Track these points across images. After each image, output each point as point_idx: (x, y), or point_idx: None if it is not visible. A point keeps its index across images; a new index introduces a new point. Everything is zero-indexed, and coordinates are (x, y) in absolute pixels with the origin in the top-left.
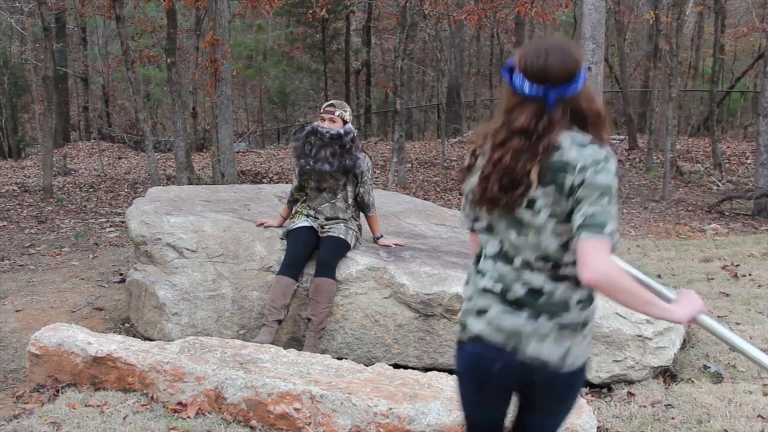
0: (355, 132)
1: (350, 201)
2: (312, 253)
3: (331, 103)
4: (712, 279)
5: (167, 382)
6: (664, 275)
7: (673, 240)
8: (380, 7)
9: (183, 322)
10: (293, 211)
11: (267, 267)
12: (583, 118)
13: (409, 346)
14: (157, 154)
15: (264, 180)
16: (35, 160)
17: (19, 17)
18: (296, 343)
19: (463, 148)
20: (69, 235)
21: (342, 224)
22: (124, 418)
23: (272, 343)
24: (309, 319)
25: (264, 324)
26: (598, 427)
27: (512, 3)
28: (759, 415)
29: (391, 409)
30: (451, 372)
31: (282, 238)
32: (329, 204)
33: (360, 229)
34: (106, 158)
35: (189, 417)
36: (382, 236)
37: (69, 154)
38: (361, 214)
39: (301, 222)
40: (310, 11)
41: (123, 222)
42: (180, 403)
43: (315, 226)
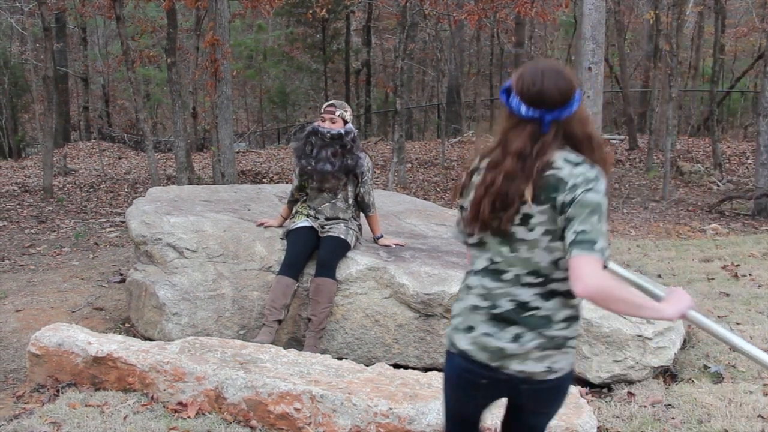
0: (356, 132)
1: (350, 201)
2: (312, 253)
3: (331, 103)
4: (713, 279)
5: (167, 382)
6: (665, 275)
7: (674, 240)
8: (380, 7)
9: (183, 322)
10: (293, 211)
11: (267, 267)
12: (576, 140)
13: (410, 346)
14: (157, 154)
15: (264, 180)
16: (35, 160)
17: (19, 17)
18: (296, 343)
19: (463, 148)
20: (69, 235)
21: (342, 224)
22: (125, 418)
23: (272, 343)
24: (309, 319)
25: (264, 324)
26: (598, 427)
27: (512, 3)
28: (759, 415)
29: (391, 409)
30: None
31: (282, 238)
32: (329, 204)
33: (360, 229)
34: (106, 158)
35: (189, 417)
36: (382, 236)
37: (69, 154)
38: (361, 214)
39: (302, 222)
40: (310, 11)
41: (123, 222)
42: (180, 403)
43: (315, 226)
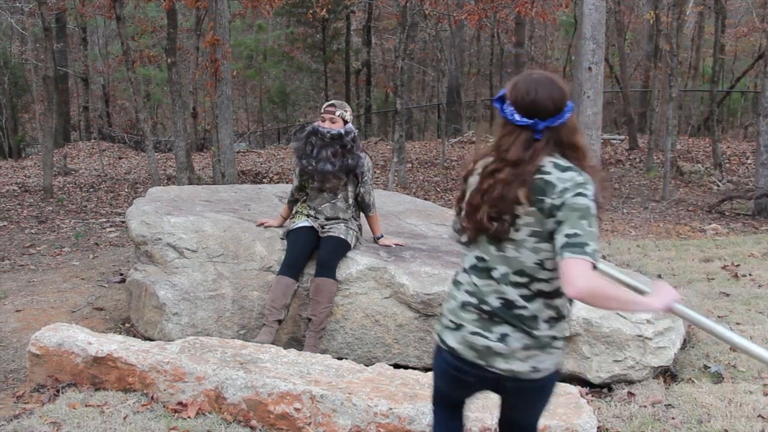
0: (356, 132)
1: (350, 201)
2: (312, 253)
3: (331, 103)
4: (713, 279)
5: (167, 382)
6: (665, 275)
7: (674, 240)
8: (380, 7)
9: (183, 322)
10: (293, 211)
11: (267, 267)
12: (566, 147)
13: (410, 346)
14: (157, 154)
15: (264, 180)
16: (35, 160)
17: (20, 17)
18: (296, 343)
19: (463, 148)
20: (69, 235)
21: (342, 224)
22: (125, 418)
23: (272, 343)
24: (309, 319)
25: (264, 324)
26: (599, 427)
27: (512, 3)
28: (759, 415)
29: (391, 409)
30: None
31: (282, 238)
32: (330, 204)
33: (360, 229)
34: (106, 158)
35: (189, 417)
36: (382, 236)
37: (69, 154)
38: (361, 214)
39: (302, 222)
40: (311, 11)
41: (123, 222)
42: (180, 403)
43: (315, 226)
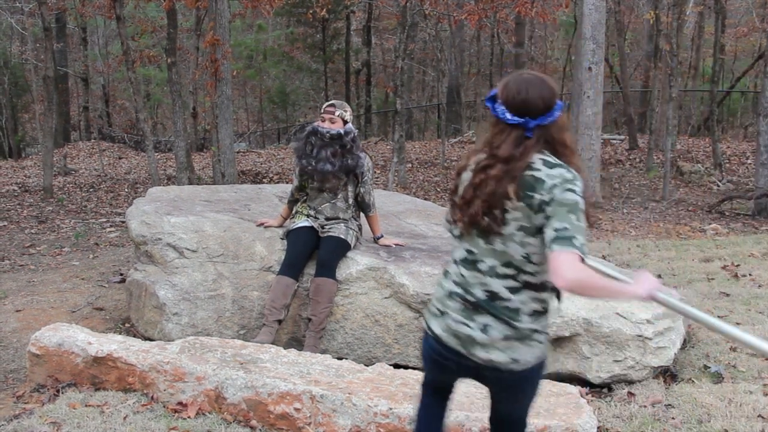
0: (356, 132)
1: (350, 201)
2: (312, 253)
3: (331, 104)
4: (713, 279)
5: (167, 382)
6: (665, 275)
7: (674, 240)
8: (380, 7)
9: (183, 322)
10: (293, 211)
11: (267, 267)
12: (555, 144)
13: (410, 346)
14: (157, 154)
15: (264, 180)
16: (35, 160)
17: (20, 17)
18: (296, 343)
19: (463, 148)
20: (69, 235)
21: (342, 224)
22: (125, 418)
23: (272, 343)
24: (309, 319)
25: (264, 324)
26: (599, 427)
27: (512, 3)
28: (759, 415)
29: (391, 409)
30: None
31: (282, 238)
32: (329, 204)
33: (360, 229)
34: (106, 158)
35: (189, 417)
36: (382, 236)
37: (69, 154)
38: (361, 214)
39: (302, 222)
40: (311, 11)
41: (123, 222)
42: (180, 403)
43: (315, 226)
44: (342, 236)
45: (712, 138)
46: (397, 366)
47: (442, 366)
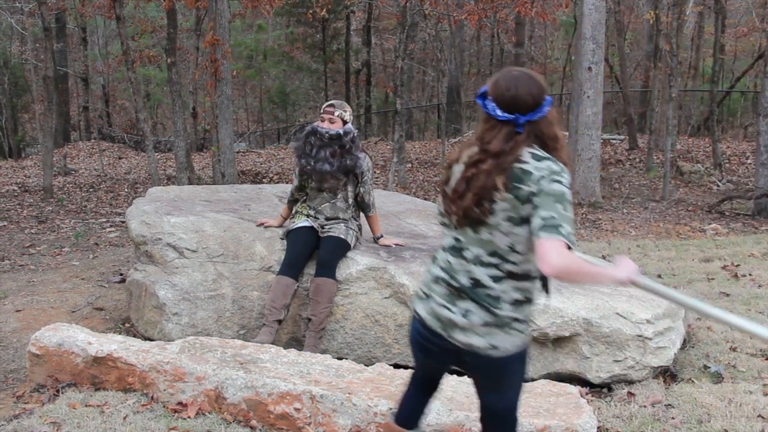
0: (355, 132)
1: (350, 201)
2: (312, 253)
3: (330, 104)
4: (713, 279)
5: (167, 382)
6: (665, 275)
7: (674, 240)
8: (380, 7)
9: (183, 322)
10: (293, 211)
11: (267, 267)
12: (545, 139)
13: (410, 346)
14: (157, 154)
15: (264, 180)
16: (35, 160)
17: (19, 17)
18: (296, 343)
19: None
20: (69, 235)
21: (342, 224)
22: (125, 418)
23: (272, 343)
24: (309, 319)
25: (264, 324)
26: (599, 427)
27: (512, 3)
28: (759, 415)
29: (391, 409)
30: (451, 372)
31: (282, 238)
32: (329, 204)
33: (360, 229)
34: (106, 158)
35: (189, 417)
36: (382, 236)
37: (69, 154)
38: (361, 214)
39: (302, 222)
40: (311, 11)
41: (123, 222)
42: (180, 403)
43: (315, 226)
44: (342, 236)
45: (712, 138)
46: (397, 366)
47: (426, 349)
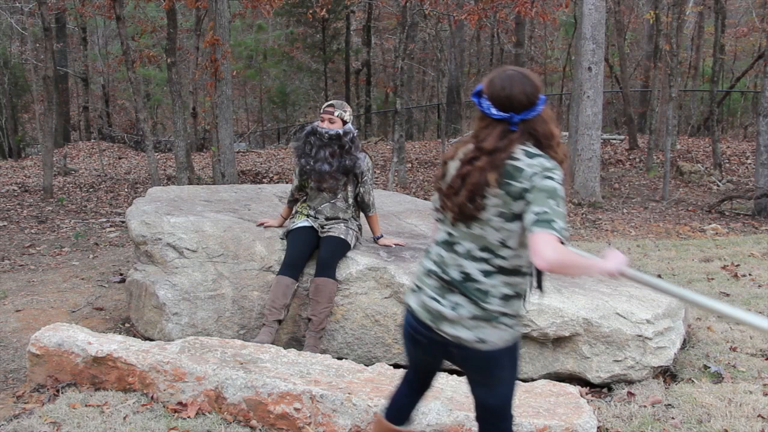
0: (355, 132)
1: (350, 201)
2: (312, 253)
3: (330, 104)
4: (713, 279)
5: (167, 382)
6: (665, 275)
7: (674, 240)
8: (380, 7)
9: (183, 322)
10: (293, 211)
11: (267, 267)
12: (539, 137)
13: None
14: (157, 154)
15: (264, 180)
16: (35, 160)
17: (19, 17)
18: (296, 343)
19: None
20: (69, 235)
21: (342, 224)
22: (125, 418)
23: (272, 343)
24: (309, 319)
25: (264, 324)
26: (598, 427)
27: (512, 3)
28: (759, 415)
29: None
30: (452, 372)
31: (282, 238)
32: (329, 204)
33: (360, 229)
34: (106, 158)
35: (189, 417)
36: (382, 236)
37: (69, 154)
38: (361, 214)
39: (302, 222)
40: (310, 11)
41: (123, 222)
42: (180, 403)
43: (315, 226)
44: (342, 236)
45: (712, 138)
46: (397, 366)
47: (416, 341)
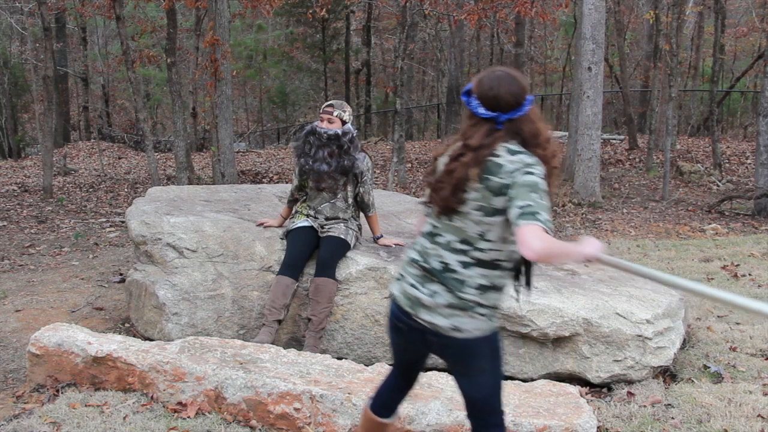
0: (355, 132)
1: (350, 201)
2: (312, 253)
3: (330, 104)
4: (712, 279)
5: (167, 382)
6: None
7: (673, 240)
8: (380, 7)
9: (183, 322)
10: (293, 211)
11: (267, 267)
12: (524, 136)
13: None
14: (157, 154)
15: (264, 180)
16: (35, 160)
17: (19, 17)
18: (296, 343)
19: None
20: (69, 235)
21: (342, 224)
22: (124, 418)
23: (272, 343)
24: (309, 319)
25: (264, 324)
26: (598, 427)
27: (512, 3)
28: (759, 415)
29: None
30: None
31: (282, 238)
32: (329, 204)
33: (360, 229)
34: (106, 158)
35: (189, 417)
36: (382, 236)
37: (69, 154)
38: (361, 214)
39: (301, 222)
40: (310, 11)
41: (123, 222)
42: (180, 403)
43: (315, 226)
44: (342, 236)
45: (712, 138)
46: None
47: (399, 330)
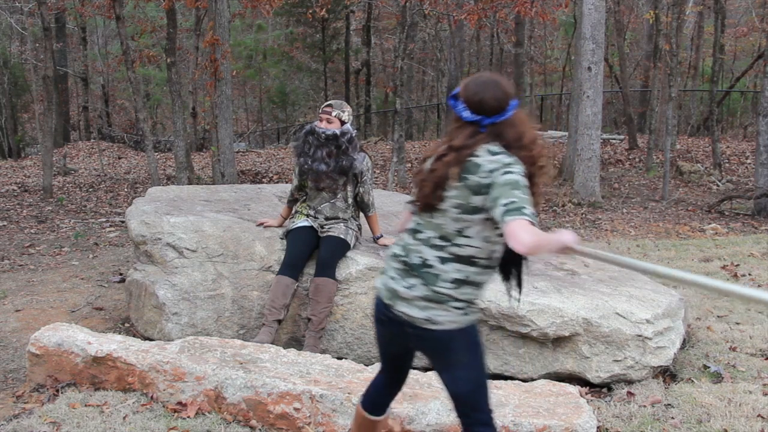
0: (354, 132)
1: (350, 201)
2: (312, 253)
3: (329, 104)
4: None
5: (167, 381)
6: None
7: (673, 240)
8: (380, 7)
9: (183, 322)
10: (293, 210)
11: (267, 267)
12: (507, 139)
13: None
14: (157, 154)
15: (264, 180)
16: (35, 160)
17: (19, 17)
18: (296, 343)
19: None
20: (69, 235)
21: (342, 224)
22: (124, 418)
23: (272, 343)
24: (309, 319)
25: (264, 324)
26: (598, 427)
27: (512, 3)
28: (759, 415)
29: (391, 408)
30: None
31: (282, 238)
32: (329, 204)
33: (360, 229)
34: (106, 158)
35: (189, 417)
36: (382, 236)
37: (69, 154)
38: (361, 214)
39: (301, 222)
40: (310, 11)
41: (123, 222)
42: (180, 403)
43: (315, 226)
44: (342, 236)
45: (712, 138)
46: None
47: (381, 321)
